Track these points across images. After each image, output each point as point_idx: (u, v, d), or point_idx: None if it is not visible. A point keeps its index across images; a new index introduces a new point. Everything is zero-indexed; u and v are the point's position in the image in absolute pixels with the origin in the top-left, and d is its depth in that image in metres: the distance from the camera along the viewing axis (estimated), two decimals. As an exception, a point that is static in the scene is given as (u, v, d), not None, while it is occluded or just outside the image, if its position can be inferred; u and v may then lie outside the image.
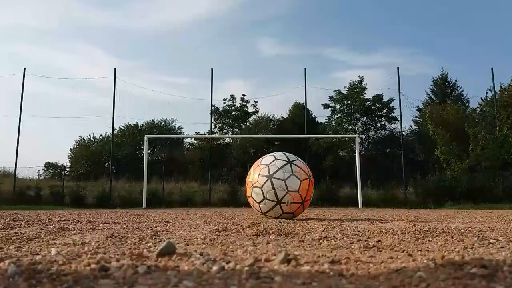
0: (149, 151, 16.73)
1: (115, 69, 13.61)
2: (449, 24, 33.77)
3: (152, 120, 24.38)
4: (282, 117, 23.72)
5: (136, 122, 23.78)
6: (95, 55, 31.99)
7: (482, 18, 32.49)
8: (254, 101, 22.94)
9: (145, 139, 11.74)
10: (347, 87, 22.42)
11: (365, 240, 1.08)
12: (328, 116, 22.91)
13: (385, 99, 22.09)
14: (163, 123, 24.72)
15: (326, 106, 22.92)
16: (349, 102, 22.51)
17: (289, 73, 34.79)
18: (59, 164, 21.94)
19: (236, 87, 28.79)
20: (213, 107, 14.90)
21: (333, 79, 32.95)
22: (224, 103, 22.99)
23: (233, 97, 23.26)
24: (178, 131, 24.06)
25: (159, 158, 21.98)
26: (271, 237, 1.18)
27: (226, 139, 22.07)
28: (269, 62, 34.56)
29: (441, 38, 34.15)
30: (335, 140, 21.29)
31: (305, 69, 14.29)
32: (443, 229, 1.47)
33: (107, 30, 32.61)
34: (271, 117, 23.88)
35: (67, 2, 31.45)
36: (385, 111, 22.48)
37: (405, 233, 1.27)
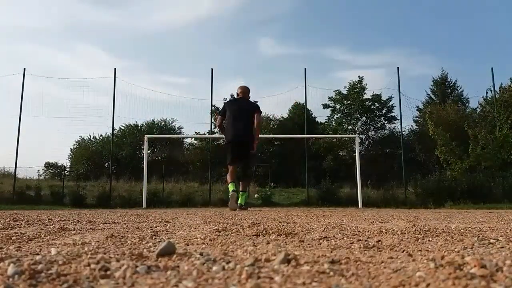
0: (149, 151, 16.76)
1: (115, 69, 13.63)
2: (449, 24, 33.80)
3: (152, 120, 24.36)
4: (282, 117, 23.72)
5: (136, 122, 23.75)
6: (95, 55, 32.01)
7: (482, 18, 32.51)
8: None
9: (145, 139, 11.74)
10: (347, 87, 22.39)
11: (365, 240, 1.08)
12: (328, 116, 22.88)
13: (384, 98, 22.06)
14: (163, 123, 24.72)
15: (325, 106, 22.90)
16: (349, 102, 22.49)
17: (289, 73, 34.84)
18: (59, 164, 21.93)
19: (236, 87, 28.87)
20: (213, 107, 14.91)
21: (333, 79, 32.95)
22: (224, 103, 22.97)
23: (233, 97, 23.31)
24: (178, 131, 24.07)
25: (159, 158, 22.00)
26: (271, 237, 1.18)
27: (226, 139, 21.98)
28: (270, 62, 34.56)
29: (441, 38, 34.15)
30: (335, 140, 21.28)
31: (305, 69, 14.30)
32: (443, 229, 1.47)
33: (107, 30, 32.63)
34: (271, 117, 23.87)
35: (67, 2, 31.46)
36: (384, 110, 22.45)
37: (405, 233, 1.27)
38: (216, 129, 6.58)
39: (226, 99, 23.83)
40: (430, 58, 36.22)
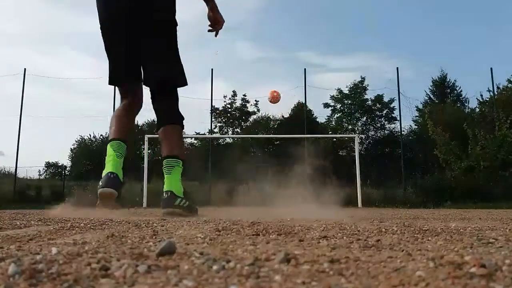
0: (149, 151, 16.73)
1: (115, 68, 13.64)
2: (449, 24, 33.75)
3: (153, 120, 24.36)
4: (283, 116, 23.71)
5: (137, 122, 23.76)
6: (96, 56, 32.01)
7: (482, 17, 32.46)
8: (255, 100, 22.95)
9: (146, 138, 11.76)
10: (349, 86, 22.43)
11: (365, 240, 1.08)
12: (328, 116, 22.89)
13: (385, 99, 22.09)
14: (163, 122, 24.69)
15: (326, 105, 22.89)
16: (349, 102, 22.51)
17: (289, 73, 34.82)
18: (59, 164, 21.92)
19: (235, 87, 28.87)
20: (213, 107, 14.92)
21: (333, 78, 32.92)
22: (224, 101, 22.90)
23: (235, 93, 23.16)
24: (178, 131, 24.00)
25: (160, 157, 21.97)
26: (271, 236, 1.18)
27: (226, 139, 22.04)
28: (270, 62, 34.52)
29: (441, 38, 34.10)
30: (335, 140, 21.28)
31: (305, 69, 14.34)
32: (442, 228, 1.47)
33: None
34: (271, 117, 23.85)
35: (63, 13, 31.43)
36: (385, 111, 22.47)
37: (404, 233, 1.28)
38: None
39: (225, 96, 23.64)
40: (430, 58, 36.25)
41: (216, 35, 2.99)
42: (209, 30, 2.94)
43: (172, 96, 2.78)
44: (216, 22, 2.90)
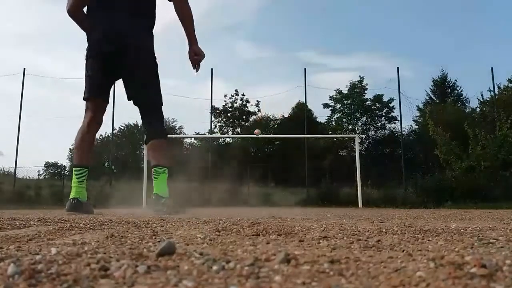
0: (149, 151, 16.78)
1: (115, 68, 13.65)
2: (449, 23, 33.74)
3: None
4: (284, 116, 23.72)
5: (136, 122, 23.72)
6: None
7: (482, 17, 32.45)
8: (257, 100, 22.94)
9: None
10: (348, 86, 22.43)
11: (365, 240, 1.08)
12: (328, 116, 22.91)
13: (385, 99, 22.11)
14: (163, 122, 24.69)
15: (326, 105, 22.92)
16: (349, 102, 22.52)
17: (290, 73, 34.82)
18: (58, 164, 21.91)
19: (235, 87, 28.88)
20: (213, 107, 14.92)
21: (333, 78, 32.90)
22: (224, 101, 22.88)
23: (236, 93, 23.14)
24: (178, 131, 24.02)
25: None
26: (271, 236, 1.18)
27: (226, 139, 22.04)
28: (270, 62, 34.51)
29: (441, 37, 34.10)
30: (335, 139, 21.28)
31: (305, 69, 14.34)
32: (442, 228, 1.47)
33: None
34: (271, 117, 23.85)
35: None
36: (385, 110, 22.47)
37: (405, 233, 1.27)
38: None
39: (226, 95, 23.64)
40: (430, 58, 36.27)
41: (196, 71, 3.46)
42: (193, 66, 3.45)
43: (158, 115, 3.30)
44: (194, 55, 3.41)
